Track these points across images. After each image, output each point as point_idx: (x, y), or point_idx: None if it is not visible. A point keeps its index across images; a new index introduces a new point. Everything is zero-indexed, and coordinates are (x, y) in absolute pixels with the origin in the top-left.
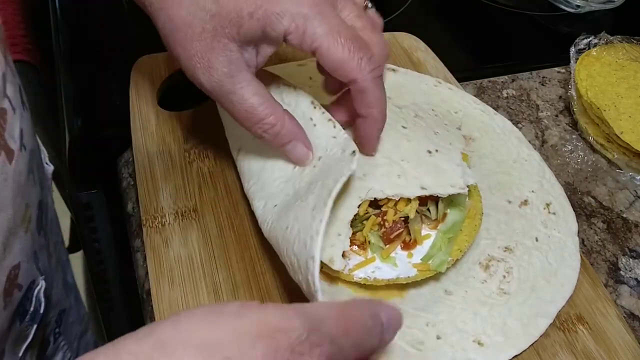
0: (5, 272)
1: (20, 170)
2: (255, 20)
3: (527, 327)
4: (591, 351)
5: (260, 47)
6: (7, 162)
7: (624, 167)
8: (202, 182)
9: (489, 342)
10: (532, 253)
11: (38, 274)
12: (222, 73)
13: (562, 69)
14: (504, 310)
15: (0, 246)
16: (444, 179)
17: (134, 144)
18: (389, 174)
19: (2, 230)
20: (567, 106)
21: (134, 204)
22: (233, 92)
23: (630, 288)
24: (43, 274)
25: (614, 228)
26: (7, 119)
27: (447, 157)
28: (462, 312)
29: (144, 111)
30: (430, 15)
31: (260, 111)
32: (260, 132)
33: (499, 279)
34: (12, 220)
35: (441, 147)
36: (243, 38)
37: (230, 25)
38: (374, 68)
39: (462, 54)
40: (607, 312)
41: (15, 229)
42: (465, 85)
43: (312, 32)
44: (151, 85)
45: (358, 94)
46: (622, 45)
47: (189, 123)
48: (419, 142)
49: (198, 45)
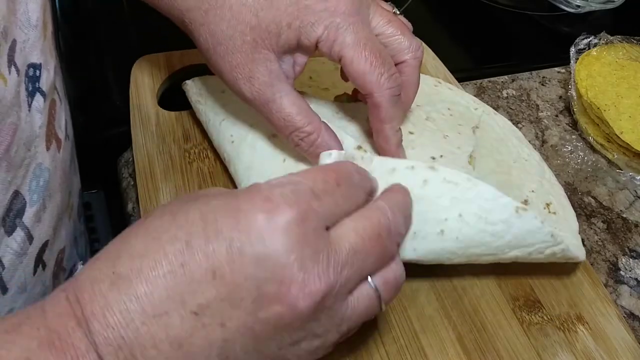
0: (54, 255)
1: (65, 159)
2: (293, 31)
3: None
4: (591, 351)
5: (296, 57)
6: (57, 151)
7: (624, 167)
8: (202, 182)
9: None
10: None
11: (77, 258)
12: (263, 82)
13: (562, 69)
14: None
15: (51, 230)
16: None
17: (134, 144)
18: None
19: (53, 216)
20: (567, 106)
21: (134, 204)
22: (272, 100)
23: (630, 288)
24: (82, 259)
25: (614, 228)
26: (57, 110)
27: (451, 164)
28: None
29: (144, 111)
30: (430, 15)
31: (297, 120)
32: (296, 140)
33: None
34: (60, 207)
35: (447, 153)
36: (281, 48)
37: (270, 37)
38: (392, 87)
39: (462, 54)
40: (607, 312)
41: (62, 214)
42: (465, 85)
43: (341, 41)
44: (151, 85)
45: (373, 108)
46: (622, 45)
47: (189, 123)
48: (424, 149)
49: (239, 57)
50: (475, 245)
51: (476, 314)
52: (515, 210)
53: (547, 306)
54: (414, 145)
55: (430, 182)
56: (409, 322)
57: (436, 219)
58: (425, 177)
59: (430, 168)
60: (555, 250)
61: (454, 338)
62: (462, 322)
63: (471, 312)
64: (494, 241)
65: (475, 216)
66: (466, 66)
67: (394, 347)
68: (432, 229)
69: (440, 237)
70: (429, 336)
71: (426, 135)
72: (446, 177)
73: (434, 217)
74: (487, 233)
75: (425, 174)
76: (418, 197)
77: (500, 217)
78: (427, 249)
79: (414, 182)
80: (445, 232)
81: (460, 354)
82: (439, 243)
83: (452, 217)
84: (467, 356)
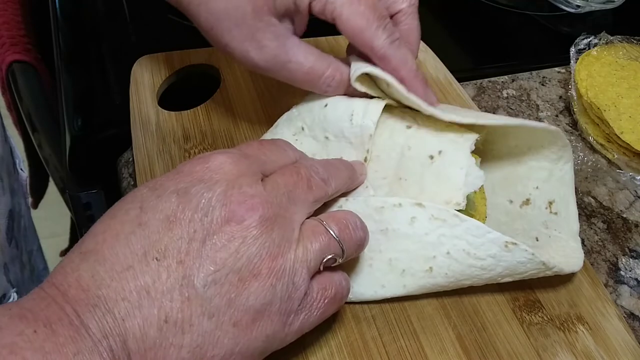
0: None
1: None
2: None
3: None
4: (591, 351)
5: (295, 19)
6: None
7: (624, 167)
8: None
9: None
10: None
11: (9, 286)
12: (274, 46)
13: (562, 69)
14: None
15: None
16: (442, 193)
17: (134, 144)
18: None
19: None
20: (567, 106)
21: None
22: (289, 60)
23: (630, 288)
24: (15, 286)
25: (614, 228)
26: None
27: (451, 159)
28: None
29: (144, 111)
30: (430, 15)
31: (318, 68)
32: (324, 88)
33: None
34: None
35: (446, 146)
36: (279, 11)
37: (267, 2)
38: (389, 34)
39: (462, 54)
40: (607, 312)
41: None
42: (465, 85)
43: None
44: (151, 85)
45: (381, 62)
46: (622, 45)
47: (189, 123)
48: (423, 145)
49: (245, 29)
50: (466, 279)
51: (476, 314)
52: (504, 245)
53: (547, 306)
54: (410, 145)
55: (417, 219)
56: (409, 322)
57: (424, 256)
58: (413, 214)
59: (417, 205)
60: (549, 274)
61: (454, 338)
62: (462, 322)
63: (471, 312)
64: (484, 274)
65: (463, 252)
66: (466, 66)
67: (394, 347)
68: (421, 266)
69: (429, 274)
70: (429, 336)
71: (425, 125)
72: (433, 214)
73: (422, 254)
74: (476, 267)
75: (413, 211)
76: (406, 235)
77: (488, 252)
78: (417, 285)
79: (401, 220)
80: (434, 269)
81: (460, 354)
82: (428, 279)
83: (441, 254)
84: (467, 356)
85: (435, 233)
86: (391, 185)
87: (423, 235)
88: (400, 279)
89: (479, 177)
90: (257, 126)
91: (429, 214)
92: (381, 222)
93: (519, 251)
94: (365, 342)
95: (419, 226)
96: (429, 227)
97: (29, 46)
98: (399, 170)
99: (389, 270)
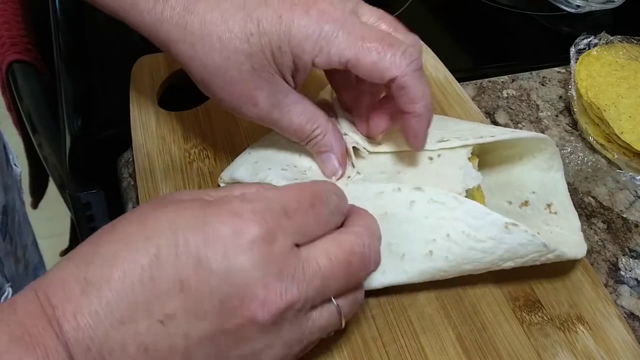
0: None
1: None
2: (285, 54)
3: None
4: (591, 351)
5: (295, 75)
6: None
7: (624, 167)
8: (202, 182)
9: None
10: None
11: (4, 281)
12: (269, 105)
13: (562, 69)
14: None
15: None
16: (442, 186)
17: (134, 144)
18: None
19: None
20: (567, 106)
21: (134, 204)
22: (281, 118)
23: (630, 288)
24: (10, 281)
25: (614, 228)
26: None
27: (450, 159)
28: None
29: (144, 111)
30: (430, 15)
31: (307, 128)
32: (310, 145)
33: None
34: None
35: (444, 151)
36: (279, 71)
37: (267, 61)
38: (411, 61)
39: (462, 54)
40: (607, 312)
41: None
42: (465, 85)
43: (337, 47)
44: (151, 85)
45: (399, 92)
46: (622, 45)
47: (189, 123)
48: (422, 152)
49: (240, 87)
50: (467, 262)
51: (476, 314)
52: (504, 227)
53: (547, 306)
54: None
55: (417, 203)
56: (409, 322)
57: (424, 239)
58: (412, 198)
59: (416, 189)
60: (550, 257)
61: (454, 338)
62: (462, 322)
63: (471, 312)
64: (485, 257)
65: (463, 235)
66: (466, 66)
67: (394, 347)
68: (421, 250)
69: (429, 257)
70: (429, 336)
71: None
72: (432, 198)
73: (422, 238)
74: (477, 250)
75: (412, 195)
76: (405, 219)
77: (489, 234)
78: (418, 270)
79: (401, 204)
80: (435, 253)
81: (460, 354)
82: (429, 263)
83: (440, 237)
84: (467, 356)
85: (434, 216)
86: (390, 180)
87: (422, 218)
88: (400, 264)
89: (477, 177)
90: (257, 126)
91: (428, 197)
92: (380, 207)
93: (519, 232)
94: (365, 342)
95: (418, 209)
96: (429, 210)
97: (29, 46)
98: (397, 166)
99: (388, 254)
